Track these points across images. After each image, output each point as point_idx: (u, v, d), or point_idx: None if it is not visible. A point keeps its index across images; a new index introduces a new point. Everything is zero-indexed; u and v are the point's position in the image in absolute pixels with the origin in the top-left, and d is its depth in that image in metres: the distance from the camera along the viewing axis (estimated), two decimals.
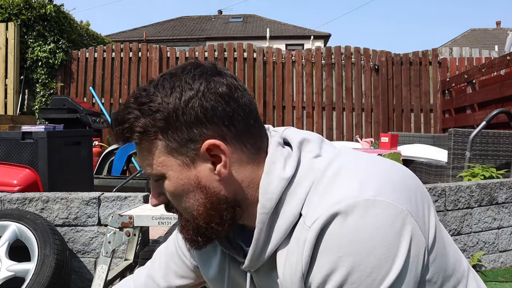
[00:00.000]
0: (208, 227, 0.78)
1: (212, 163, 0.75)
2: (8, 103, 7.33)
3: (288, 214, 0.74)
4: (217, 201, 0.76)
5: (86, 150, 3.42)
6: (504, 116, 3.99)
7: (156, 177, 0.78)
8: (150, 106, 0.74)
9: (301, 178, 0.75)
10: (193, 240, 0.80)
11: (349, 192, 0.69)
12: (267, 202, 0.75)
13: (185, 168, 0.75)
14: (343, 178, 0.72)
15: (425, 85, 7.49)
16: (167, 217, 1.93)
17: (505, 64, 4.79)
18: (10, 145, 2.92)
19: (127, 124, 0.75)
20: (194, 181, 0.76)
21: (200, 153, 0.74)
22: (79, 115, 5.54)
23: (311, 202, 0.72)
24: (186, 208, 0.78)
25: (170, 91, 0.74)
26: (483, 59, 7.10)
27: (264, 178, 0.76)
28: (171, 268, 1.01)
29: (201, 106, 0.73)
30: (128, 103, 0.77)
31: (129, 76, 7.77)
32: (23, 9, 7.41)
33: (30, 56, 7.52)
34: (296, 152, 0.78)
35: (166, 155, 0.75)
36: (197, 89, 0.74)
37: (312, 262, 0.70)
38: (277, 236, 0.75)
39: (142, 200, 2.37)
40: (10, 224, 2.21)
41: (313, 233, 0.69)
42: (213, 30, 22.32)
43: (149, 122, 0.74)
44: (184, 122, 0.73)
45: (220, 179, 0.75)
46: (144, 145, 0.76)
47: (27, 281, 2.03)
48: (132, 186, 4.14)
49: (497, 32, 26.86)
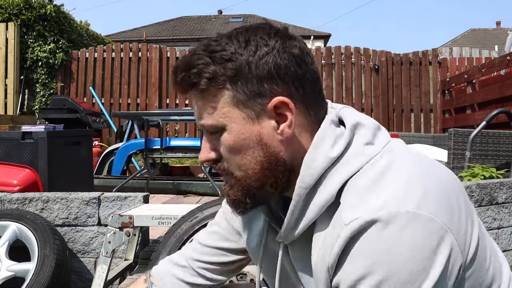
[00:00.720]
0: (260, 189, 0.77)
1: (276, 122, 0.74)
2: (8, 103, 7.33)
3: (325, 193, 0.73)
4: (275, 162, 0.75)
5: (86, 150, 3.42)
6: (504, 116, 3.99)
7: (215, 128, 0.76)
8: (222, 54, 0.73)
9: (347, 160, 0.73)
10: (240, 201, 0.78)
11: (392, 199, 0.66)
12: (308, 178, 0.73)
13: (249, 122, 0.74)
14: (390, 178, 0.70)
15: (425, 85, 7.49)
16: (167, 217, 1.93)
17: (505, 64, 4.80)
18: (10, 145, 2.92)
19: (196, 70, 0.73)
20: (256, 137, 0.74)
21: (267, 109, 0.73)
22: (79, 115, 5.54)
23: (352, 193, 0.70)
24: (242, 165, 0.76)
25: (245, 44, 0.74)
26: (483, 59, 7.10)
27: (310, 152, 0.74)
28: (217, 231, 1.02)
29: (275, 62, 0.73)
30: (196, 51, 0.75)
31: (129, 76, 7.77)
32: (23, 9, 7.42)
33: (30, 56, 7.52)
34: (348, 134, 0.76)
35: (231, 106, 0.74)
36: (272, 46, 0.73)
37: (341, 261, 0.69)
38: (310, 214, 0.74)
39: (142, 200, 2.37)
40: (10, 224, 2.21)
41: (347, 232, 0.67)
42: (213, 30, 22.31)
43: (219, 70, 0.73)
44: (256, 75, 0.73)
45: (282, 139, 0.74)
46: (209, 94, 0.74)
47: (27, 281, 2.03)
48: (132, 186, 4.15)
49: (497, 32, 26.86)
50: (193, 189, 4.39)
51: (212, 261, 1.02)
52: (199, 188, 4.36)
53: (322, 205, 0.73)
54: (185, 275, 1.03)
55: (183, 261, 1.04)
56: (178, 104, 7.74)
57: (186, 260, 1.04)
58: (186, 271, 1.03)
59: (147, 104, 7.72)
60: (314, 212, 0.74)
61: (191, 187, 4.40)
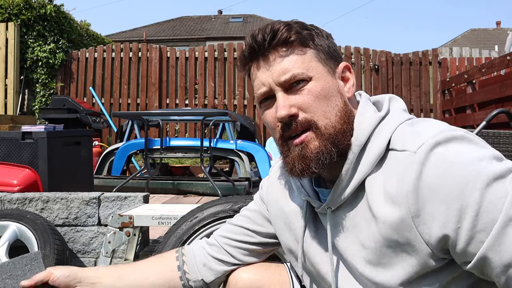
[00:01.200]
0: (342, 136, 0.85)
1: (343, 83, 0.91)
2: (8, 103, 7.33)
3: (375, 147, 0.83)
4: (349, 112, 0.88)
5: (86, 150, 3.42)
6: (504, 116, 3.98)
7: (303, 78, 0.86)
8: (297, 26, 0.89)
9: (390, 119, 0.87)
10: (326, 151, 0.84)
11: (445, 128, 0.79)
12: (360, 136, 0.85)
13: (330, 75, 0.88)
14: (432, 123, 0.83)
15: (425, 85, 7.49)
16: (167, 217, 1.93)
17: (505, 64, 4.79)
18: (10, 145, 2.92)
19: (284, 29, 0.87)
20: (336, 87, 0.88)
21: (337, 70, 0.90)
22: (79, 115, 5.54)
23: (403, 136, 0.81)
24: (326, 112, 0.86)
25: (305, 27, 0.90)
26: (483, 59, 7.10)
27: (358, 117, 0.87)
28: (247, 215, 1.12)
29: (330, 42, 0.91)
30: (271, 23, 0.89)
31: (129, 76, 7.77)
32: (23, 9, 7.42)
33: (30, 56, 7.52)
34: (387, 103, 0.91)
35: (317, 61, 0.88)
36: (322, 32, 0.92)
37: (420, 182, 0.75)
38: (363, 169, 0.84)
39: (142, 200, 2.37)
40: (10, 224, 2.21)
41: (420, 156, 0.75)
42: (213, 30, 22.31)
43: (303, 33, 0.88)
44: (325, 45, 0.90)
45: (349, 97, 0.90)
46: (297, 47, 0.87)
47: None
48: (132, 186, 4.15)
49: (497, 32, 26.85)
50: (193, 189, 4.38)
51: (237, 239, 1.10)
52: (199, 188, 4.36)
53: (375, 158, 0.83)
54: (213, 250, 1.12)
55: (212, 238, 1.14)
56: (178, 104, 7.74)
57: (215, 237, 1.13)
58: (214, 247, 1.12)
59: (147, 104, 7.72)
60: (366, 167, 0.83)
61: (191, 187, 4.40)
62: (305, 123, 0.85)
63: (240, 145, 4.49)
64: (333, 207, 0.88)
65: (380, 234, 0.80)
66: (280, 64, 0.86)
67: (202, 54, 7.77)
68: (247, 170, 4.44)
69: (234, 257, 1.10)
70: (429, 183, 0.74)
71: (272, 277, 1.09)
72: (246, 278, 1.08)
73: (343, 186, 0.85)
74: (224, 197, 2.05)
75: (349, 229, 0.87)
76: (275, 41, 0.86)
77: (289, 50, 0.87)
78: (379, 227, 0.80)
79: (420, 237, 0.76)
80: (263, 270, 1.09)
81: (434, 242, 0.75)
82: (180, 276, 1.10)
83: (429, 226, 0.74)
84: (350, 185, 0.85)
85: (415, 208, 0.75)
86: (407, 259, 0.78)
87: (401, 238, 0.78)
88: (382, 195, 0.80)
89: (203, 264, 1.11)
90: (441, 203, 0.73)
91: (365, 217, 0.83)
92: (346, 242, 0.87)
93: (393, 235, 0.78)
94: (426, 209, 0.74)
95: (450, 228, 0.72)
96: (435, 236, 0.74)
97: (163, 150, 4.19)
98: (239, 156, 4.51)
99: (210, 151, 4.01)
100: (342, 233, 0.88)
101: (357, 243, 0.85)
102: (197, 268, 1.11)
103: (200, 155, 3.85)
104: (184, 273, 1.10)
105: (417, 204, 0.75)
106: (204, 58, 7.77)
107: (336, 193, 0.86)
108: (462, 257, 0.74)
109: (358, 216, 0.85)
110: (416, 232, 0.76)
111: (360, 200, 0.85)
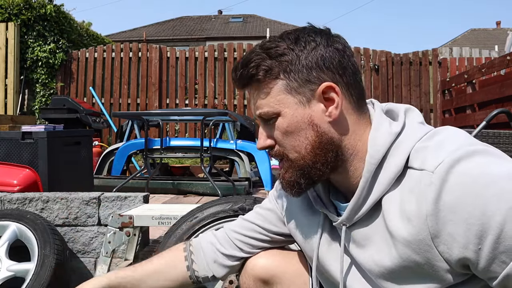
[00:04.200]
0: (313, 167, 0.86)
1: (325, 105, 0.85)
2: (8, 103, 7.33)
3: (392, 165, 0.81)
4: (325, 141, 0.85)
5: (86, 150, 3.42)
6: (504, 116, 3.98)
7: (271, 115, 0.86)
8: (277, 50, 0.85)
9: (407, 135, 0.83)
10: (295, 182, 0.87)
11: (464, 144, 0.76)
12: (376, 154, 0.82)
13: (300, 106, 0.85)
14: (453, 139, 0.78)
15: (425, 85, 7.49)
16: (167, 217, 1.93)
17: (505, 64, 4.79)
18: (10, 145, 2.92)
19: (253, 64, 0.86)
20: (307, 119, 0.85)
21: (316, 94, 0.84)
22: (79, 115, 5.54)
23: (423, 154, 0.78)
24: (295, 146, 0.86)
25: (295, 41, 0.85)
26: (483, 59, 7.10)
27: (373, 133, 0.85)
28: (260, 212, 1.12)
29: (321, 54, 0.84)
30: (254, 50, 0.88)
31: (129, 76, 7.77)
32: (23, 9, 7.41)
33: (30, 56, 7.52)
34: (402, 116, 0.87)
35: (285, 93, 0.85)
36: (319, 42, 0.85)
37: (439, 203, 0.72)
38: (380, 187, 0.82)
39: (142, 200, 2.37)
40: (10, 224, 2.21)
41: (438, 176, 0.73)
42: (213, 30, 22.30)
43: (274, 63, 0.85)
44: (306, 65, 0.84)
45: (331, 121, 0.85)
46: (265, 84, 0.86)
47: (27, 281, 2.03)
48: (132, 186, 4.14)
49: (497, 32, 26.85)
50: (193, 189, 4.38)
51: (249, 235, 1.10)
52: (199, 188, 4.35)
53: (391, 178, 0.81)
54: (223, 245, 1.12)
55: (222, 232, 1.14)
56: (178, 104, 7.73)
57: (226, 231, 1.13)
58: (224, 242, 1.12)
59: (147, 104, 7.72)
60: (384, 185, 0.81)
61: (191, 187, 4.39)
62: (279, 155, 0.89)
63: (240, 145, 4.49)
64: (349, 224, 0.88)
65: (397, 254, 0.79)
66: (254, 99, 0.89)
67: (202, 54, 7.77)
68: (247, 170, 4.44)
69: (244, 251, 1.11)
70: (449, 203, 0.71)
71: (289, 265, 1.09)
72: (262, 264, 1.08)
73: (359, 204, 0.84)
74: (224, 197, 2.05)
75: (364, 245, 0.86)
76: (245, 79, 0.88)
77: (258, 86, 0.87)
78: (397, 247, 0.79)
79: (441, 257, 0.74)
80: (281, 258, 1.10)
81: (455, 261, 0.73)
82: (190, 275, 1.11)
83: (449, 246, 0.73)
84: (367, 204, 0.83)
85: (435, 229, 0.73)
86: (427, 277, 0.77)
87: (420, 258, 0.76)
88: (399, 214, 0.78)
89: (213, 261, 1.11)
90: (462, 224, 0.70)
91: (382, 235, 0.82)
92: (361, 256, 0.87)
93: (411, 255, 0.77)
94: (446, 229, 0.72)
95: (471, 250, 0.71)
96: (456, 256, 0.73)
97: (163, 150, 4.19)
98: (239, 156, 4.51)
99: (210, 151, 4.01)
100: (357, 248, 0.88)
101: (372, 259, 0.84)
102: (208, 265, 1.11)
103: (200, 155, 3.85)
104: (194, 272, 1.11)
105: (436, 225, 0.73)
106: (204, 58, 7.77)
107: (352, 210, 0.85)
108: (484, 275, 0.73)
109: (374, 233, 0.84)
110: (436, 252, 0.74)
111: (376, 217, 0.84)
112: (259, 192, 4.05)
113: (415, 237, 0.75)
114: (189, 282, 1.11)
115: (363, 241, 0.86)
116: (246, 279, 1.10)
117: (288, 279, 1.07)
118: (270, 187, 4.07)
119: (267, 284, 1.08)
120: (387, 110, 0.91)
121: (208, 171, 4.16)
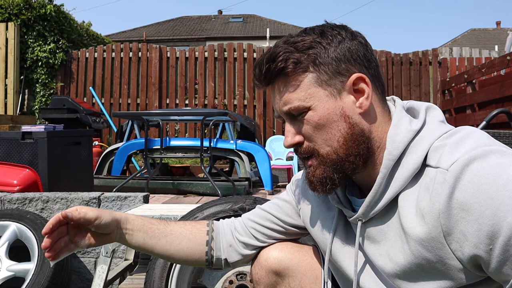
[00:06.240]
0: (346, 160, 0.84)
1: (355, 96, 0.85)
2: (8, 103, 7.33)
3: (410, 163, 0.81)
4: (357, 132, 0.84)
5: (86, 150, 3.42)
6: (504, 116, 3.98)
7: (301, 110, 0.85)
8: (304, 43, 0.84)
9: (426, 132, 0.83)
10: (328, 178, 0.85)
11: (480, 143, 0.75)
12: (394, 150, 0.82)
13: (331, 98, 0.84)
14: (471, 138, 0.77)
15: (425, 85, 7.49)
16: (167, 217, 1.93)
17: (505, 64, 4.79)
18: (10, 145, 2.92)
19: (281, 57, 0.84)
20: (339, 111, 0.84)
21: (346, 85, 0.84)
22: (79, 115, 5.54)
23: (440, 152, 0.78)
24: (327, 140, 0.85)
25: (321, 34, 0.85)
26: (483, 59, 7.10)
27: (392, 129, 0.84)
28: (277, 203, 1.12)
29: (348, 47, 0.85)
30: (278, 45, 0.86)
31: (129, 76, 7.77)
32: (23, 9, 7.41)
33: (30, 56, 7.52)
34: (423, 113, 0.87)
35: (316, 86, 0.84)
36: (344, 35, 0.86)
37: (452, 201, 0.72)
38: (396, 184, 0.81)
39: (142, 200, 2.37)
40: (10, 224, 2.21)
41: (452, 174, 0.73)
42: (213, 30, 22.30)
43: (303, 56, 0.84)
44: (335, 57, 0.84)
45: (361, 112, 0.84)
46: (294, 78, 0.84)
47: (27, 281, 2.03)
48: (132, 186, 4.14)
49: (497, 32, 26.85)
50: (193, 189, 4.38)
51: (264, 225, 1.11)
52: (199, 188, 4.35)
53: (408, 175, 0.80)
54: (239, 232, 1.13)
55: (240, 220, 1.15)
56: (178, 104, 7.73)
57: (243, 219, 1.15)
58: (240, 229, 1.13)
59: (147, 104, 7.72)
60: (400, 182, 0.81)
61: (191, 187, 4.39)
62: (308, 151, 0.87)
63: (240, 145, 4.49)
64: (364, 219, 0.88)
65: (411, 251, 0.79)
66: (281, 94, 0.87)
67: (202, 54, 7.76)
68: (247, 170, 4.44)
69: (259, 240, 1.11)
70: (461, 201, 0.71)
71: (302, 259, 1.09)
72: (276, 256, 1.09)
73: (375, 200, 0.84)
74: (224, 197, 2.05)
75: (379, 241, 0.86)
76: (272, 73, 0.86)
77: (287, 80, 0.85)
78: (410, 244, 0.79)
79: (453, 255, 0.75)
80: (295, 251, 1.10)
81: (467, 260, 0.74)
82: (206, 251, 1.11)
83: (461, 244, 0.73)
84: (383, 200, 0.83)
85: (447, 227, 0.74)
86: (439, 276, 0.77)
87: (433, 256, 0.76)
88: (414, 212, 0.78)
89: (229, 245, 1.12)
90: (473, 222, 0.70)
91: (396, 232, 0.82)
92: (375, 253, 0.87)
93: (424, 253, 0.77)
94: (458, 227, 0.72)
95: (482, 250, 0.71)
96: (467, 255, 0.73)
97: (163, 150, 4.19)
98: (239, 156, 4.51)
99: (210, 151, 4.01)
100: (371, 244, 0.88)
101: (386, 256, 0.84)
102: (224, 247, 1.12)
103: (200, 155, 3.85)
104: (211, 249, 1.11)
105: (449, 223, 0.73)
106: (204, 58, 7.77)
107: (369, 206, 0.85)
108: (497, 277, 0.73)
109: (389, 229, 0.84)
110: (448, 250, 0.75)
111: (392, 214, 0.83)
112: (259, 192, 4.05)
113: (428, 235, 0.75)
114: (203, 260, 1.11)
115: (377, 237, 0.86)
116: (258, 269, 1.11)
117: (300, 273, 1.08)
118: (270, 187, 4.07)
119: (279, 276, 1.08)
120: (408, 107, 0.91)
121: (208, 171, 4.16)
